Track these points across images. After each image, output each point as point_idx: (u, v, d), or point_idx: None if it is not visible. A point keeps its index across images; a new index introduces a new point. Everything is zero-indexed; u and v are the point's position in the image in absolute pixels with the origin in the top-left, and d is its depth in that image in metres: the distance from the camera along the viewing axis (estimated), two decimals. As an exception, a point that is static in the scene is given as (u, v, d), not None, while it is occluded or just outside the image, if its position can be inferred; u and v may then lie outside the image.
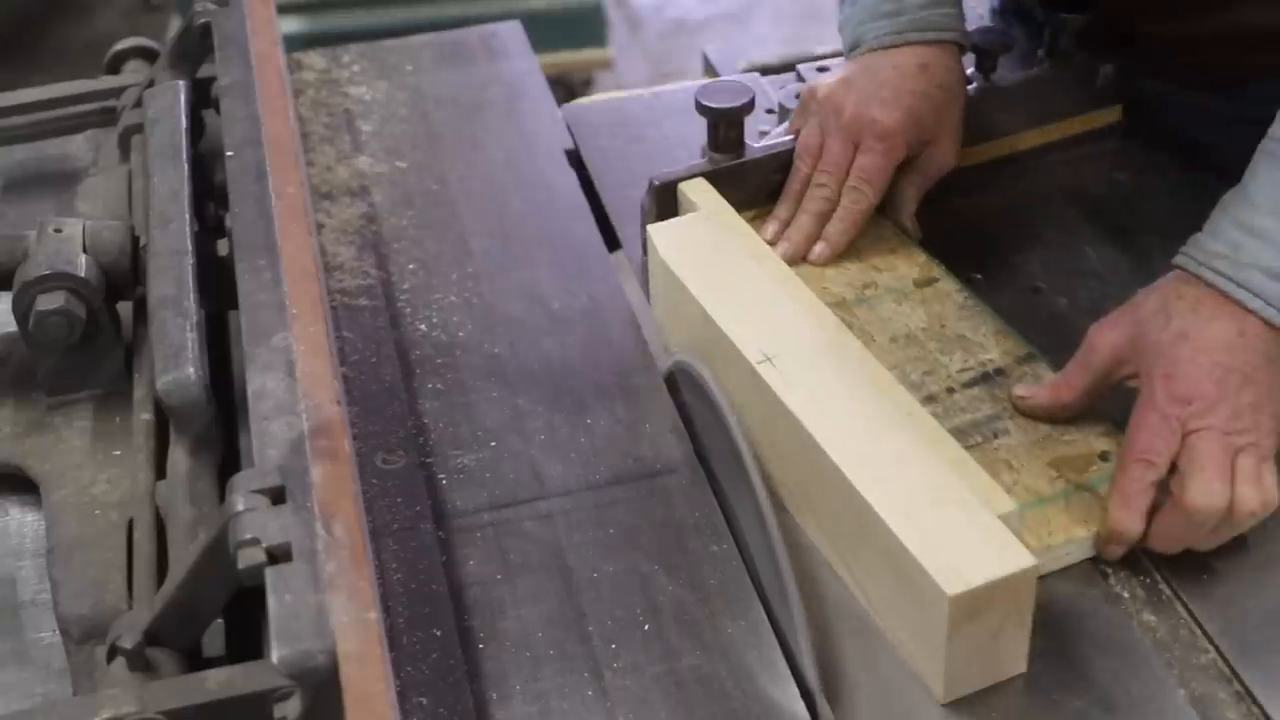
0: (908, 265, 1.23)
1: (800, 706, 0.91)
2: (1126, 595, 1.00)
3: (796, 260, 1.22)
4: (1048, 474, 1.05)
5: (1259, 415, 0.99)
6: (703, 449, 1.09)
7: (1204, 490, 0.97)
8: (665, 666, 0.93)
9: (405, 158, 1.40)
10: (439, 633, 0.94)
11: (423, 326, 1.20)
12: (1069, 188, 1.36)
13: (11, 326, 0.99)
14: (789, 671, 0.93)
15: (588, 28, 3.33)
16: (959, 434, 1.05)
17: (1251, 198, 1.04)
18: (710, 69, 1.69)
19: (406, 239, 1.30)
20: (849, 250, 1.23)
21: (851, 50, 1.28)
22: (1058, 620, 0.98)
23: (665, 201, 1.23)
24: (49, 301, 0.95)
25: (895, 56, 1.24)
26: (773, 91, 1.46)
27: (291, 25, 3.02)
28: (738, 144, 1.26)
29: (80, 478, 0.93)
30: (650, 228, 1.19)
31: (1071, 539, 1.01)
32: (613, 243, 1.33)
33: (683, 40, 4.00)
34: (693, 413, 1.11)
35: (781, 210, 1.25)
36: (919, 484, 0.95)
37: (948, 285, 1.21)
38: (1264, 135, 1.06)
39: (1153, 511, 1.00)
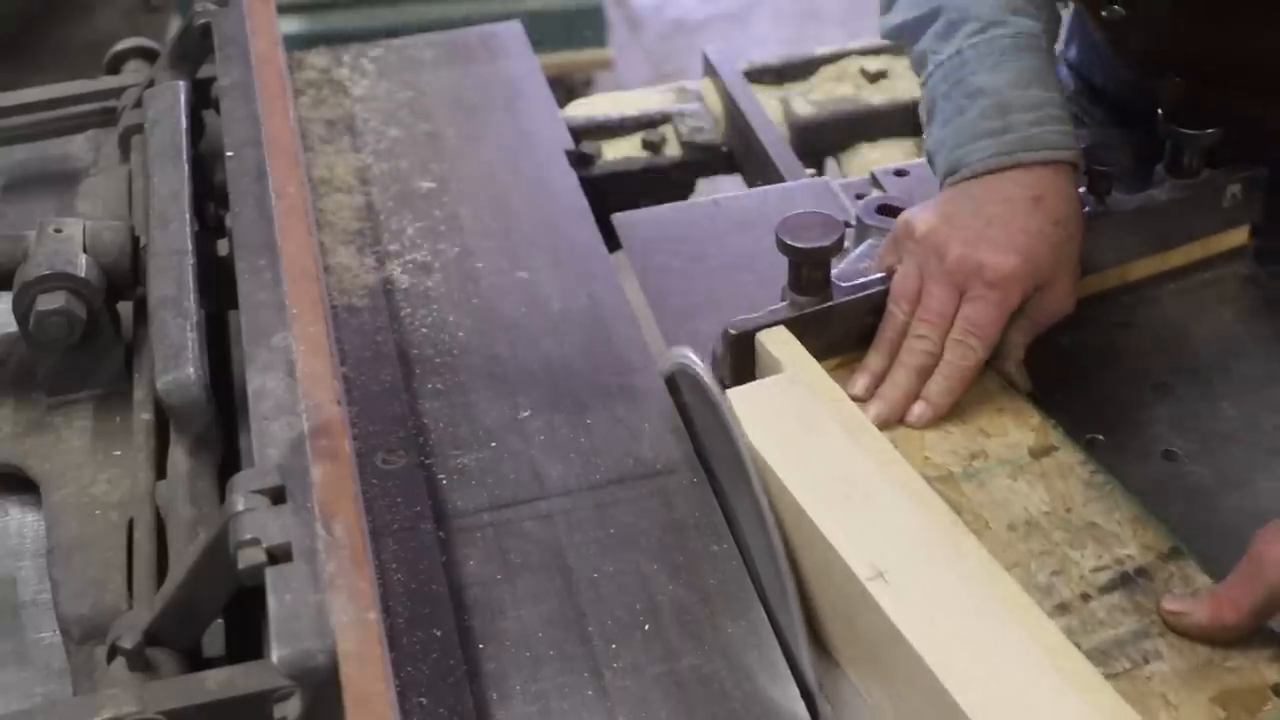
0: (1020, 429, 1.08)
1: (800, 706, 0.91)
2: None
3: (892, 422, 1.09)
4: (1213, 713, 0.89)
5: None
6: (702, 449, 1.08)
7: None
8: (665, 667, 0.93)
9: (405, 157, 1.40)
10: (439, 633, 0.94)
11: (423, 327, 1.20)
12: (1191, 324, 1.19)
13: (12, 326, 0.99)
14: (789, 671, 0.93)
15: (588, 28, 3.34)
16: (1100, 656, 0.91)
17: None
18: (710, 69, 1.69)
19: (406, 239, 1.30)
20: (951, 410, 1.09)
21: (948, 175, 1.13)
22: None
23: (742, 352, 1.10)
24: (49, 301, 0.95)
25: (1004, 186, 1.10)
26: (848, 202, 1.35)
27: (291, 25, 3.02)
28: (823, 285, 1.11)
29: (80, 478, 0.94)
30: (731, 393, 1.05)
31: None
32: (613, 243, 1.33)
33: (682, 40, 4.01)
34: (693, 413, 1.11)
35: (874, 361, 1.11)
36: None
37: (1069, 456, 1.05)
38: None
39: None
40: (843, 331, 1.13)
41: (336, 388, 0.81)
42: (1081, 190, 1.16)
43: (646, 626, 0.96)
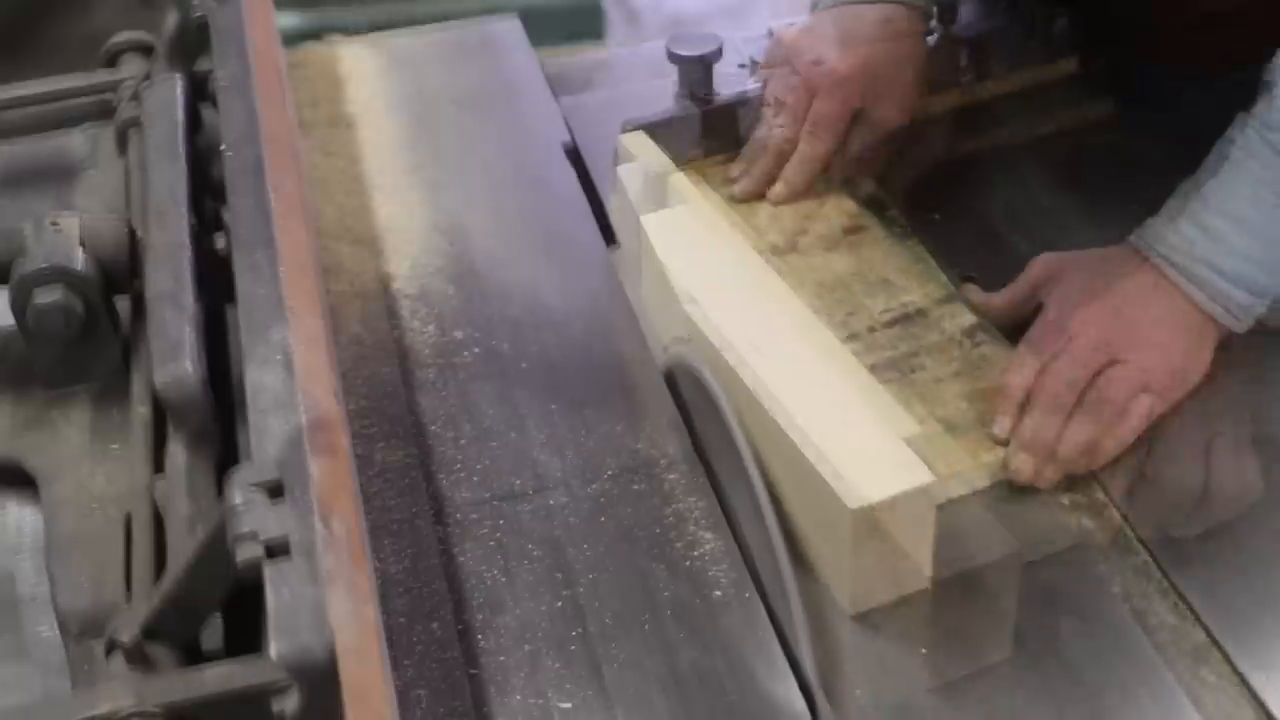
0: (839, 214, 1.30)
1: (800, 703, 0.91)
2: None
3: (753, 196, 1.30)
4: (960, 405, 1.12)
5: (1140, 351, 1.10)
6: (701, 444, 1.09)
7: (1065, 367, 1.08)
8: (664, 663, 0.93)
9: (404, 153, 1.40)
10: (438, 628, 0.94)
11: (423, 324, 1.20)
12: (1029, 137, 1.43)
13: (8, 321, 0.99)
14: (789, 668, 0.93)
15: (586, 23, 3.34)
16: (877, 369, 1.13)
17: (1205, 196, 1.11)
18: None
19: (405, 236, 1.29)
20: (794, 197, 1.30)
21: (815, 5, 1.37)
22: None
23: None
24: (46, 295, 0.94)
25: (858, 10, 1.32)
26: (744, 46, 1.54)
27: (290, 20, 3.01)
28: (708, 91, 1.34)
29: (78, 473, 0.93)
30: (618, 170, 1.28)
31: (979, 464, 1.08)
32: (613, 240, 1.33)
33: (681, 36, 4.00)
34: (691, 408, 1.11)
35: (747, 151, 1.33)
36: (831, 410, 1.03)
37: (877, 233, 1.28)
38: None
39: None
40: (726, 132, 1.35)
41: (335, 383, 0.81)
42: (932, 22, 1.40)
43: (646, 623, 0.96)
